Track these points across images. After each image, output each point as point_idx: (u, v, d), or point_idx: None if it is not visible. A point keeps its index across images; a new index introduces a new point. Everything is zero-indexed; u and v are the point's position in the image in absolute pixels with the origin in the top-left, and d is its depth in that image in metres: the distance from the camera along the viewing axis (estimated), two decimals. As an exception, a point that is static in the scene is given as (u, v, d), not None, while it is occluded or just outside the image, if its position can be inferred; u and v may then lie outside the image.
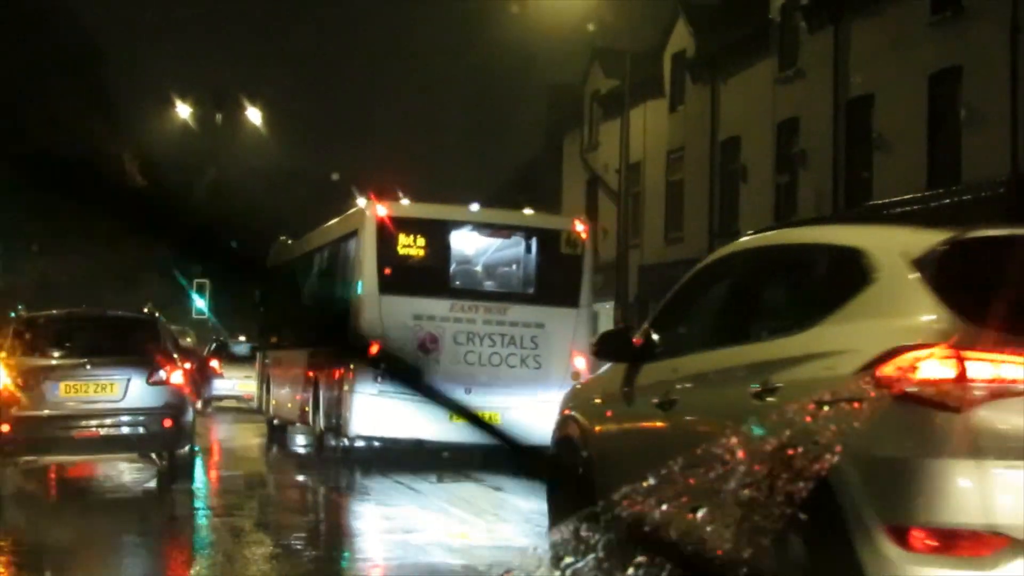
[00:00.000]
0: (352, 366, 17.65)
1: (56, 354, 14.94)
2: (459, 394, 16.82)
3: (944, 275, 5.47)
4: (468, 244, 18.48)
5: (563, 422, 8.29)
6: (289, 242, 25.29)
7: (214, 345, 39.61)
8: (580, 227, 18.64)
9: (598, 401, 8.05)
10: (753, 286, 7.08)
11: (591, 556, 5.91)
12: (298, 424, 21.75)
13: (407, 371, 17.30)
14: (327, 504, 15.23)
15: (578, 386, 9.52)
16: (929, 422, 5.13)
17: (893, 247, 5.79)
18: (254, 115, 59.34)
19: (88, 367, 14.49)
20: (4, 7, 41.73)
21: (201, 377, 15.73)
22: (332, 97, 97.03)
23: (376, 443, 18.31)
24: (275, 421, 23.27)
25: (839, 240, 6.36)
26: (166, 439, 14.48)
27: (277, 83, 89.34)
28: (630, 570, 4.82)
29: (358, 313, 17.73)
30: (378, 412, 17.17)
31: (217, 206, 72.48)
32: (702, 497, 5.43)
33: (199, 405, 23.61)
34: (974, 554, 4.97)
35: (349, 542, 12.05)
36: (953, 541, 5.02)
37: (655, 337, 7.52)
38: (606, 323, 30.50)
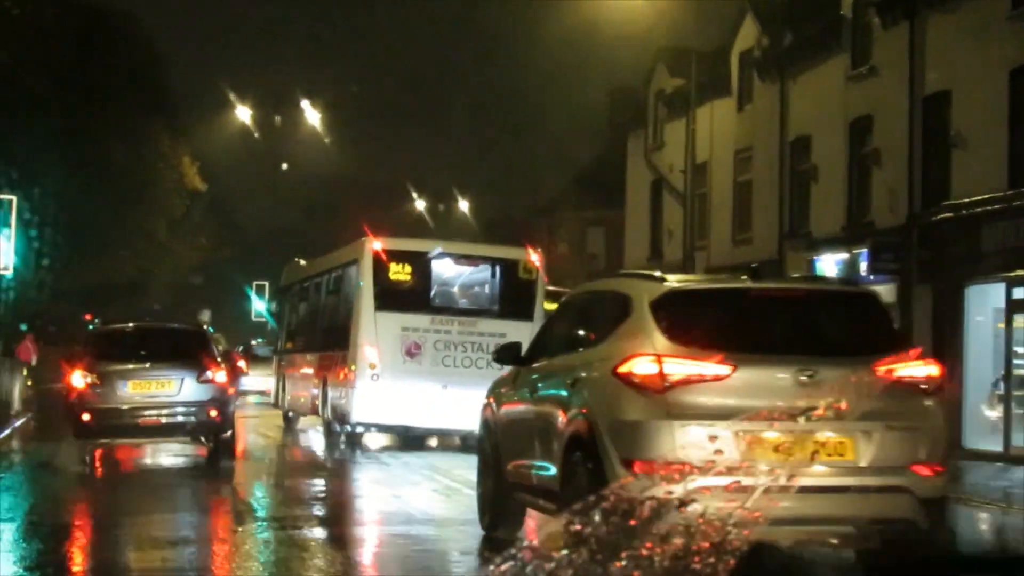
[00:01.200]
0: (353, 367, 22.40)
1: (124, 358, 18.56)
2: (438, 388, 21.77)
3: (662, 312, 9.16)
4: (445, 271, 23.17)
5: (483, 407, 12.23)
6: (302, 263, 30.22)
7: (241, 347, 46.90)
8: (534, 257, 23.05)
9: (502, 391, 11.86)
10: (577, 317, 10.98)
11: (493, 510, 11.56)
12: (309, 415, 26.63)
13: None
14: (333, 468, 20.46)
15: (495, 382, 12.47)
16: (643, 398, 8.89)
17: (643, 294, 9.44)
18: (313, 117, 59.29)
19: (150, 368, 18.41)
20: (64, 17, 41.80)
21: (231, 375, 20.83)
22: (395, 101, 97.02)
23: (373, 429, 23.39)
24: (290, 413, 28.56)
25: (619, 288, 10.08)
26: (212, 426, 18.45)
27: (340, 84, 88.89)
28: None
29: (359, 325, 22.55)
30: (374, 404, 22.16)
31: (276, 211, 72.53)
32: (541, 449, 10.20)
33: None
34: (670, 473, 7.92)
35: (348, 490, 17.50)
36: (655, 466, 8.44)
37: (533, 349, 11.50)
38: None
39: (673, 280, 9.69)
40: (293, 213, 74.31)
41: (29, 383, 36.11)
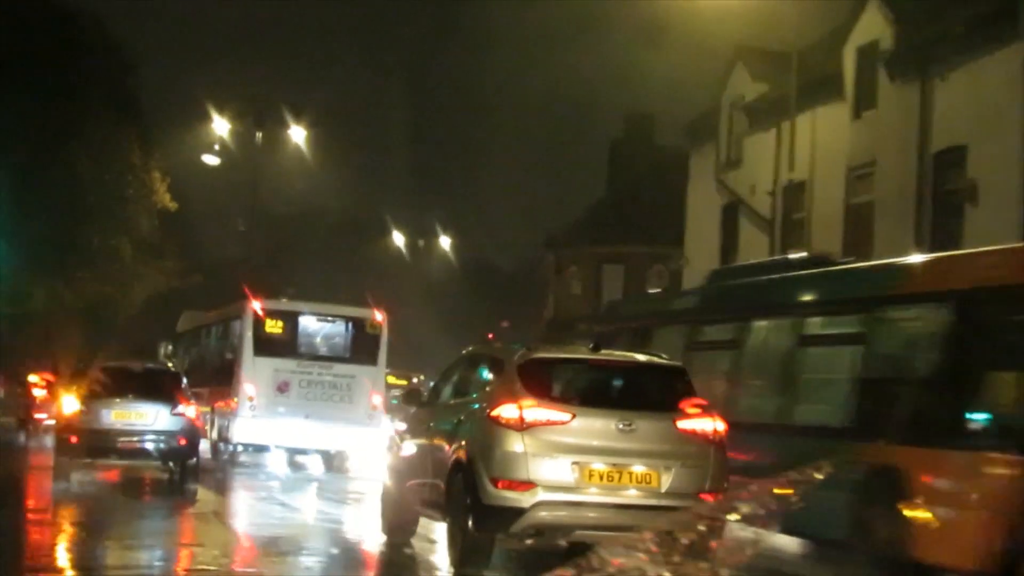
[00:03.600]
0: (236, 399, 27.89)
1: (110, 391, 21.77)
2: (301, 417, 27.45)
3: (525, 373, 12.73)
4: (309, 325, 28.86)
5: (393, 436, 16.50)
6: (194, 313, 37.53)
7: None
8: (378, 316, 28.72)
9: (407, 424, 15.75)
10: (465, 372, 14.63)
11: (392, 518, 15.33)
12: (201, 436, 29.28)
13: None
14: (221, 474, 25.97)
15: (403, 419, 16.74)
16: (507, 434, 12.25)
17: (511, 357, 13.12)
18: (298, 135, 53.16)
19: (131, 400, 21.65)
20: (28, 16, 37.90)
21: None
22: (385, 128, 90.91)
23: (251, 448, 29.23)
24: None
25: (496, 354, 14.17)
26: (180, 452, 21.60)
27: (330, 104, 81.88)
28: None
29: (241, 366, 28.14)
30: (252, 429, 27.70)
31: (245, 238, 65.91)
32: (433, 470, 13.66)
33: None
34: (523, 490, 12.03)
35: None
36: (514, 484, 12.08)
37: (431, 394, 15.73)
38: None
39: (535, 350, 13.40)
40: (263, 242, 67.15)
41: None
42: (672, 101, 76.93)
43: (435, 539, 15.01)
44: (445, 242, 70.45)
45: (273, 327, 28.54)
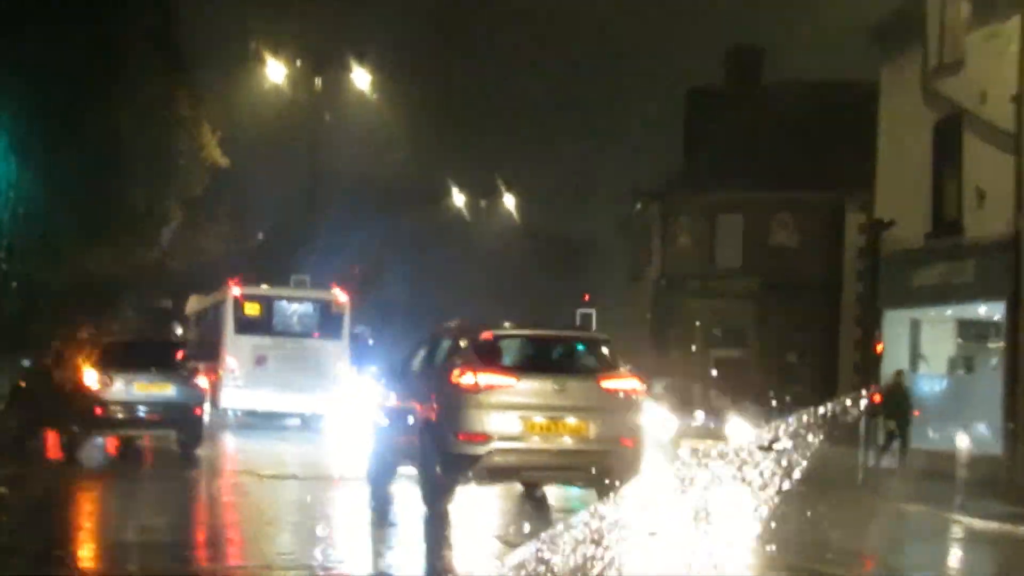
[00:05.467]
0: (221, 371, 32.24)
1: (130, 363, 22.30)
2: (277, 385, 31.90)
3: (477, 346, 15.51)
4: (283, 306, 33.86)
5: (375, 401, 18.95)
6: (199, 297, 40.09)
7: None
8: (342, 298, 33.88)
9: (382, 391, 18.84)
10: (431, 346, 16.92)
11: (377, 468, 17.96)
12: None
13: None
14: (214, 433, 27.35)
15: (379, 386, 19.94)
16: (466, 396, 14.98)
17: (468, 334, 15.83)
18: (362, 79, 46.82)
19: (153, 373, 22.42)
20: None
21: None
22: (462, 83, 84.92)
23: (238, 412, 33.45)
24: None
25: (456, 331, 16.42)
26: (195, 422, 22.54)
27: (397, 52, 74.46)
28: None
29: (224, 343, 32.93)
30: (235, 395, 32.52)
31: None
32: (408, 428, 16.31)
33: None
34: (479, 440, 14.77)
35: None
36: (472, 436, 14.82)
37: (403, 365, 17.83)
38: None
39: (487, 328, 16.02)
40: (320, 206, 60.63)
41: None
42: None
43: (410, 483, 16.83)
44: (509, 202, 64.35)
45: (252, 309, 33.16)
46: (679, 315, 46.96)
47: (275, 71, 45.05)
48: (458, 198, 63.50)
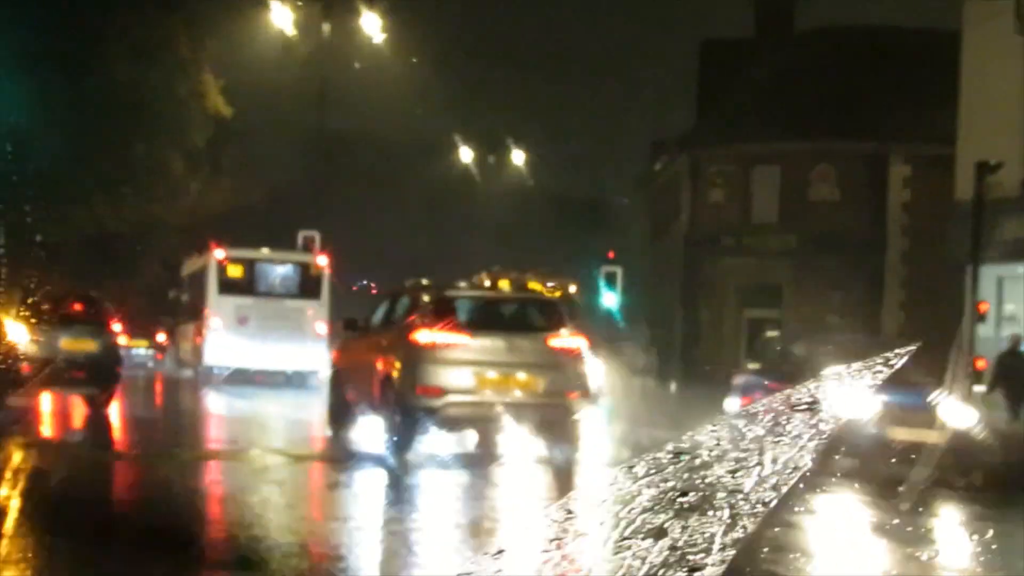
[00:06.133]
0: (205, 330, 34.04)
1: (56, 320, 21.92)
2: (258, 343, 33.17)
3: (435, 306, 16.83)
4: (264, 268, 35.24)
5: (332, 355, 21.12)
6: (192, 259, 39.88)
7: None
8: (321, 260, 35.23)
9: (344, 346, 20.31)
10: (391, 306, 18.35)
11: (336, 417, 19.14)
12: (186, 359, 38.89)
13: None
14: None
15: (339, 342, 21.34)
16: (424, 352, 16.27)
17: (427, 294, 17.40)
18: (371, 23, 44.26)
19: (77, 330, 22.02)
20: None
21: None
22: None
23: (224, 370, 34.46)
24: (180, 359, 40.78)
25: (415, 292, 17.92)
26: (114, 378, 22.50)
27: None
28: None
29: (208, 303, 34.37)
30: (218, 353, 33.84)
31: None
32: (368, 380, 17.48)
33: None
34: (436, 394, 16.10)
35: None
36: (429, 389, 16.11)
37: (365, 322, 19.14)
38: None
39: (444, 289, 17.67)
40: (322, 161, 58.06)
41: None
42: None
43: (368, 432, 17.88)
44: (518, 157, 61.90)
45: (234, 271, 34.32)
46: (711, 273, 44.34)
47: (280, 15, 42.61)
48: (466, 153, 61.18)
